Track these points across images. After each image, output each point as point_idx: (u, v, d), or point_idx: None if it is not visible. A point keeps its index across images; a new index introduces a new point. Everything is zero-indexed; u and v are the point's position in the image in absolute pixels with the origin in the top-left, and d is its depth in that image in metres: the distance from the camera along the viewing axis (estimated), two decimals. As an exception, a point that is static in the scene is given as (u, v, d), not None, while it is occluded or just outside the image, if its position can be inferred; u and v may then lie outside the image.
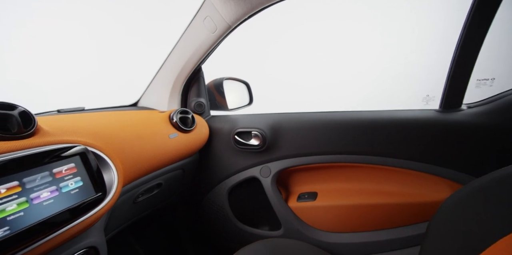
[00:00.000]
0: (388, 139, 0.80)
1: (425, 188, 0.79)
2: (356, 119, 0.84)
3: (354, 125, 0.83)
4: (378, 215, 0.81)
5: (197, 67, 0.95)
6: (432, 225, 0.41)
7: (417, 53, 2.04)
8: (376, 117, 0.82)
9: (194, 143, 0.87)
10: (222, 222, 0.99)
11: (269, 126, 0.90)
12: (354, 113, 0.87)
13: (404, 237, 0.78)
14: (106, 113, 0.76)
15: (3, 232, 0.35)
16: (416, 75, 2.06)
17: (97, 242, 0.52)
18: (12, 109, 0.43)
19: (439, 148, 0.76)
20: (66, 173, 0.45)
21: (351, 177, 0.90)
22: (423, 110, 0.82)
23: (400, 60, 2.06)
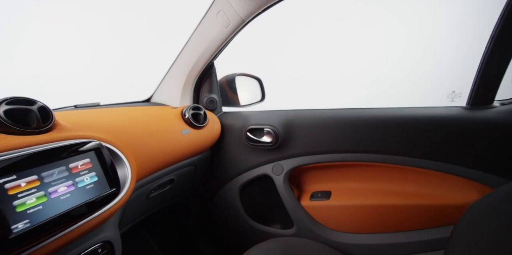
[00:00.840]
0: (408, 137, 0.76)
1: (449, 190, 0.76)
2: (374, 117, 0.81)
3: (371, 123, 0.80)
4: (395, 217, 0.79)
5: (210, 63, 0.95)
6: (459, 229, 0.39)
7: (441, 48, 1.95)
8: (396, 115, 0.79)
9: (206, 139, 0.87)
10: (233, 219, 1.00)
11: (281, 123, 0.89)
12: (372, 110, 0.84)
13: (424, 240, 0.75)
14: (120, 109, 0.78)
15: (23, 225, 0.36)
16: (440, 71, 1.97)
17: (112, 236, 0.53)
18: (31, 104, 0.44)
19: (465, 147, 0.72)
20: (82, 168, 0.46)
21: (367, 177, 0.87)
22: (448, 107, 0.78)
23: (422, 56, 1.98)
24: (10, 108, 0.42)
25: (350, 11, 2.09)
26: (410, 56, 2.02)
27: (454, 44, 1.94)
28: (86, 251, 0.48)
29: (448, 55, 1.95)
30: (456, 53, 1.91)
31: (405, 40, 2.04)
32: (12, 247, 0.35)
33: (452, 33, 1.95)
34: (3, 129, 0.40)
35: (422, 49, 1.99)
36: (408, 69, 2.07)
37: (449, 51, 1.94)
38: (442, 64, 1.96)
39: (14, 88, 1.57)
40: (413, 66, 2.04)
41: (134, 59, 2.22)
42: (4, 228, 0.34)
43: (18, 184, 0.37)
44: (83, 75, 1.95)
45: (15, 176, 0.37)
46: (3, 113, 0.41)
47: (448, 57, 1.94)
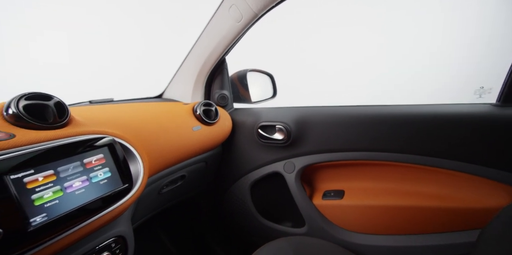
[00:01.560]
0: (429, 136, 0.73)
1: (475, 193, 0.72)
2: (391, 114, 0.78)
3: (388, 121, 0.77)
4: (413, 218, 0.76)
5: (221, 58, 0.95)
6: (488, 234, 0.37)
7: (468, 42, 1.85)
8: (415, 112, 0.76)
9: (217, 135, 0.87)
10: (244, 216, 1.00)
11: (294, 120, 0.87)
12: (389, 107, 0.81)
13: (444, 244, 0.72)
14: (133, 105, 0.79)
15: (41, 218, 0.38)
16: (466, 67, 1.88)
17: (125, 231, 0.54)
18: (48, 99, 0.45)
19: (494, 147, 0.68)
20: (96, 163, 0.47)
21: (382, 176, 0.85)
22: (474, 104, 0.74)
23: (448, 52, 1.89)
24: (29, 103, 0.43)
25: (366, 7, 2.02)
26: (435, 51, 1.94)
27: (478, 37, 1.84)
28: (101, 245, 0.49)
29: (476, 50, 1.86)
30: (483, 48, 1.81)
31: (431, 33, 1.95)
32: (31, 239, 0.36)
33: (478, 25, 1.85)
34: (22, 123, 0.42)
35: (449, 43, 1.90)
36: (433, 65, 1.98)
37: (478, 45, 1.84)
38: (467, 60, 1.87)
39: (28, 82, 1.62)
40: (436, 61, 1.95)
41: (148, 54, 2.26)
42: (24, 221, 0.36)
43: (36, 178, 0.38)
44: (96, 71, 1.99)
45: (33, 170, 0.38)
46: (22, 108, 0.42)
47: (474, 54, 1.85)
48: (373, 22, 2.05)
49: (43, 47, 1.74)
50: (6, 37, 1.59)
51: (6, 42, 1.58)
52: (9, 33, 1.60)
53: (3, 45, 1.57)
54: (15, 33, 1.62)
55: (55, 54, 1.80)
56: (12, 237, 0.34)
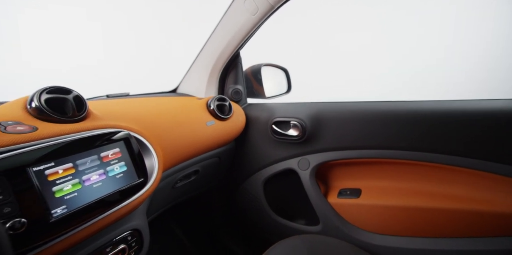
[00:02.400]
0: (455, 133, 0.69)
1: (507, 196, 0.67)
2: (413, 110, 0.75)
3: (411, 118, 0.74)
4: (437, 221, 0.73)
5: (236, 52, 0.94)
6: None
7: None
8: (441, 108, 0.72)
9: (230, 131, 0.87)
10: (256, 212, 1.00)
11: (309, 116, 0.86)
12: (413, 103, 0.77)
13: (470, 250, 0.68)
14: (148, 99, 0.80)
15: (61, 210, 0.39)
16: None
17: (140, 225, 0.55)
18: (67, 93, 0.47)
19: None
20: (112, 157, 0.48)
21: (403, 176, 0.82)
22: (507, 100, 0.69)
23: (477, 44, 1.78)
24: (50, 97, 0.44)
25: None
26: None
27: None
28: (117, 238, 0.51)
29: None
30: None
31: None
32: (53, 230, 0.37)
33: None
34: (44, 116, 0.43)
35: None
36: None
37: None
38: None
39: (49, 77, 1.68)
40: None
41: (164, 49, 2.28)
42: (46, 212, 0.37)
43: (56, 170, 0.40)
44: (112, 65, 2.04)
45: (53, 163, 0.40)
46: (44, 102, 0.43)
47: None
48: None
49: (59, 42, 1.79)
50: (25, 32, 1.65)
51: (24, 37, 1.65)
52: (28, 27, 1.66)
53: (20, 41, 1.64)
54: (33, 28, 1.68)
55: (72, 49, 1.85)
56: (36, 228, 0.36)
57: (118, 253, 0.50)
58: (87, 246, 0.45)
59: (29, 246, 0.35)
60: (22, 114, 0.43)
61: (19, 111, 0.43)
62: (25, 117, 0.42)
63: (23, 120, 0.42)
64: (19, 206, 0.34)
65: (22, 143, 0.38)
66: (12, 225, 0.33)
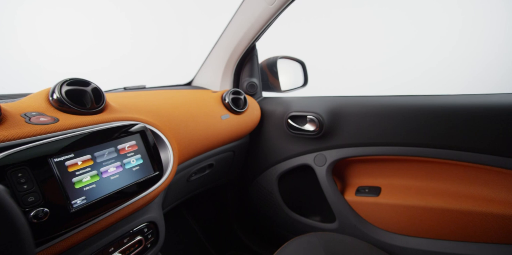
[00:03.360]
0: (487, 131, 0.65)
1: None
2: (438, 105, 0.70)
3: (436, 113, 0.70)
4: (466, 224, 0.69)
5: (251, 44, 0.92)
6: None
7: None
8: (469, 104, 0.67)
9: (245, 125, 0.86)
10: (270, 207, 1.00)
11: (327, 111, 0.83)
12: (438, 98, 0.73)
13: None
14: (164, 92, 0.80)
15: (81, 201, 0.40)
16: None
17: (156, 217, 0.56)
18: (86, 85, 0.47)
19: None
20: (129, 150, 0.48)
21: (427, 174, 0.78)
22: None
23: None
24: (70, 89, 0.45)
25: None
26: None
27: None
28: (134, 229, 0.52)
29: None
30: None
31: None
32: (73, 220, 0.38)
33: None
34: (65, 108, 0.44)
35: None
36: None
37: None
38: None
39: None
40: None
41: (180, 41, 2.29)
42: (66, 203, 0.38)
43: (75, 162, 0.41)
44: (128, 57, 2.07)
45: (73, 154, 0.40)
46: (64, 93, 0.44)
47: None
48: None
49: (75, 33, 1.84)
50: (48, 25, 1.70)
51: (47, 29, 1.70)
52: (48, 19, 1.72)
53: (44, 32, 1.69)
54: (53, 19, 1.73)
55: (87, 39, 1.90)
56: (58, 217, 0.37)
57: (135, 244, 0.52)
58: (106, 236, 0.46)
59: (52, 235, 0.36)
60: (44, 105, 0.44)
61: (42, 103, 0.44)
62: (47, 108, 0.44)
63: (46, 112, 0.43)
64: (42, 196, 0.35)
65: (45, 134, 0.39)
66: (35, 214, 0.34)
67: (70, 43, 1.81)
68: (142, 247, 0.53)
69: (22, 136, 0.37)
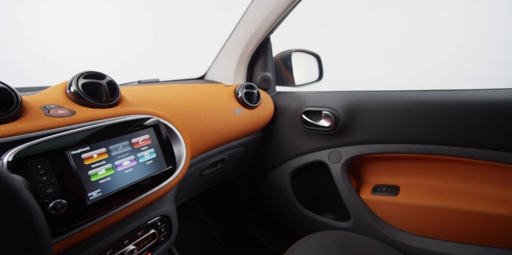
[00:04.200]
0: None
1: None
2: (463, 100, 0.66)
3: (459, 109, 0.66)
4: (494, 228, 0.65)
5: (266, 37, 0.90)
6: None
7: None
8: (499, 98, 0.63)
9: (258, 120, 0.85)
10: (282, 203, 1.00)
11: (343, 106, 0.81)
12: (462, 92, 0.69)
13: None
14: (177, 86, 0.80)
15: (97, 194, 0.41)
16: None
17: (169, 211, 0.57)
18: (101, 78, 0.48)
19: None
20: (142, 143, 0.48)
21: (450, 174, 0.74)
22: None
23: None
24: (86, 82, 0.46)
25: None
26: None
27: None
28: (148, 223, 0.53)
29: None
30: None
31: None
32: (89, 212, 0.39)
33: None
34: (81, 101, 0.45)
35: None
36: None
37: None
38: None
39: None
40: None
41: (194, 34, 2.29)
42: (83, 195, 0.39)
43: (91, 155, 0.41)
44: (144, 51, 2.10)
45: (88, 147, 0.41)
46: (81, 86, 0.45)
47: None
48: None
49: (91, 28, 1.88)
50: (59, 18, 1.74)
51: (61, 22, 1.74)
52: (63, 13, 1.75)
53: (59, 25, 1.73)
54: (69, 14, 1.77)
55: (100, 35, 1.93)
56: (75, 209, 0.37)
57: (149, 237, 0.52)
58: (120, 229, 0.47)
59: (69, 226, 0.37)
60: (62, 98, 0.45)
61: (60, 95, 0.45)
62: (65, 101, 0.45)
63: (63, 104, 0.44)
64: (60, 188, 0.36)
65: (62, 127, 0.40)
66: (54, 205, 0.35)
67: (89, 39, 1.85)
68: (156, 240, 0.54)
69: (41, 128, 0.38)
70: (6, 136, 0.34)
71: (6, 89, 0.37)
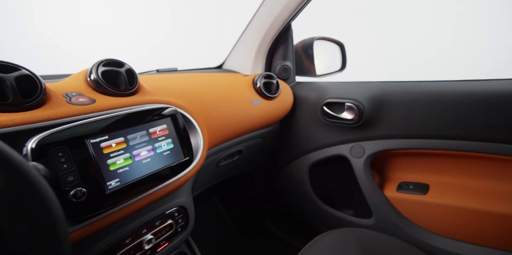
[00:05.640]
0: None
1: None
2: (503, 92, 0.60)
3: (498, 101, 0.60)
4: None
5: (287, 24, 0.86)
6: None
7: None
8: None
9: (276, 111, 0.83)
10: (300, 197, 0.98)
11: (369, 98, 0.76)
12: (505, 82, 0.63)
13: None
14: (195, 75, 0.79)
15: (115, 183, 0.41)
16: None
17: (186, 202, 0.57)
18: (120, 66, 0.48)
19: None
20: (160, 134, 0.48)
21: (488, 173, 0.69)
22: None
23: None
24: (105, 70, 0.46)
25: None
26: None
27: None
28: (166, 213, 0.53)
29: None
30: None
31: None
32: (108, 201, 0.40)
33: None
34: (101, 89, 0.45)
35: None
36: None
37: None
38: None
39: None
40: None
41: (212, 22, 2.27)
42: (102, 184, 0.39)
43: (110, 144, 0.41)
44: (163, 39, 2.10)
45: (107, 136, 0.41)
46: (100, 74, 0.45)
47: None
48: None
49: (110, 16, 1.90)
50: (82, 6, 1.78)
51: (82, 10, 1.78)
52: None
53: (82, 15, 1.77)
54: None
55: (119, 22, 1.95)
56: (94, 198, 0.38)
57: (166, 227, 0.53)
58: (138, 218, 0.48)
59: (89, 215, 0.38)
60: (83, 86, 0.45)
61: (81, 83, 0.46)
62: (85, 89, 0.45)
63: (84, 92, 0.44)
64: (80, 176, 0.37)
65: (83, 115, 0.40)
66: (75, 193, 0.35)
67: (109, 30, 1.88)
68: (173, 231, 0.54)
69: (63, 115, 0.38)
70: (30, 122, 0.35)
71: (31, 76, 0.37)
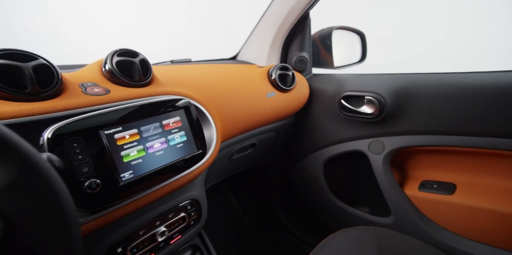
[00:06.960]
0: None
1: None
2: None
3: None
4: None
5: (305, 13, 0.82)
6: None
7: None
8: None
9: (292, 104, 0.81)
10: (314, 192, 0.96)
11: (390, 91, 0.72)
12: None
13: None
14: (208, 66, 0.78)
15: (129, 175, 0.41)
16: None
17: (198, 195, 0.57)
18: (134, 56, 0.47)
19: None
20: (173, 126, 0.47)
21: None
22: None
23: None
24: (120, 60, 0.45)
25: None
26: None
27: None
28: (179, 205, 0.53)
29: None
30: None
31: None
32: (121, 193, 0.40)
33: None
34: (115, 79, 0.45)
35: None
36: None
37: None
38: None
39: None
40: None
41: (230, 12, 2.24)
42: (116, 175, 0.39)
43: (123, 135, 0.41)
44: (175, 29, 2.10)
45: (121, 128, 0.41)
46: (115, 64, 0.44)
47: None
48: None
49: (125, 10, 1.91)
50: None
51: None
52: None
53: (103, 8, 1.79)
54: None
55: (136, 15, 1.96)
56: (108, 189, 0.38)
57: (179, 220, 0.53)
58: (152, 210, 0.48)
59: (103, 206, 0.38)
60: (98, 76, 0.45)
61: (97, 73, 0.45)
62: (100, 79, 0.45)
63: (99, 82, 0.44)
64: (94, 168, 0.37)
65: (98, 105, 0.40)
66: (89, 184, 0.36)
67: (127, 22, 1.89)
68: (186, 224, 0.54)
69: (79, 105, 0.38)
70: (47, 112, 0.35)
71: (48, 66, 0.37)
